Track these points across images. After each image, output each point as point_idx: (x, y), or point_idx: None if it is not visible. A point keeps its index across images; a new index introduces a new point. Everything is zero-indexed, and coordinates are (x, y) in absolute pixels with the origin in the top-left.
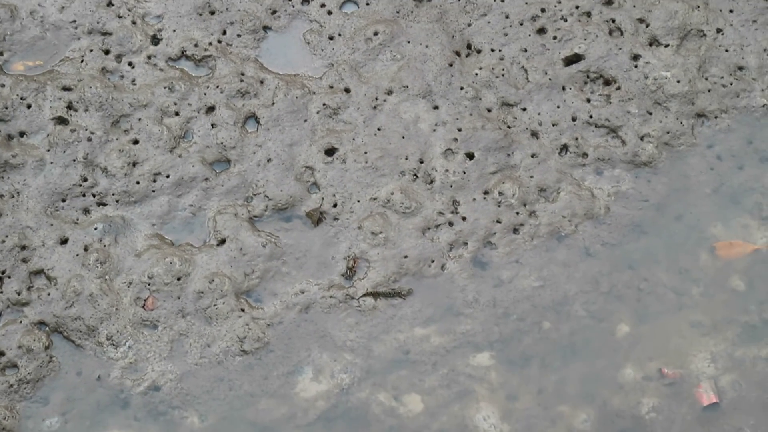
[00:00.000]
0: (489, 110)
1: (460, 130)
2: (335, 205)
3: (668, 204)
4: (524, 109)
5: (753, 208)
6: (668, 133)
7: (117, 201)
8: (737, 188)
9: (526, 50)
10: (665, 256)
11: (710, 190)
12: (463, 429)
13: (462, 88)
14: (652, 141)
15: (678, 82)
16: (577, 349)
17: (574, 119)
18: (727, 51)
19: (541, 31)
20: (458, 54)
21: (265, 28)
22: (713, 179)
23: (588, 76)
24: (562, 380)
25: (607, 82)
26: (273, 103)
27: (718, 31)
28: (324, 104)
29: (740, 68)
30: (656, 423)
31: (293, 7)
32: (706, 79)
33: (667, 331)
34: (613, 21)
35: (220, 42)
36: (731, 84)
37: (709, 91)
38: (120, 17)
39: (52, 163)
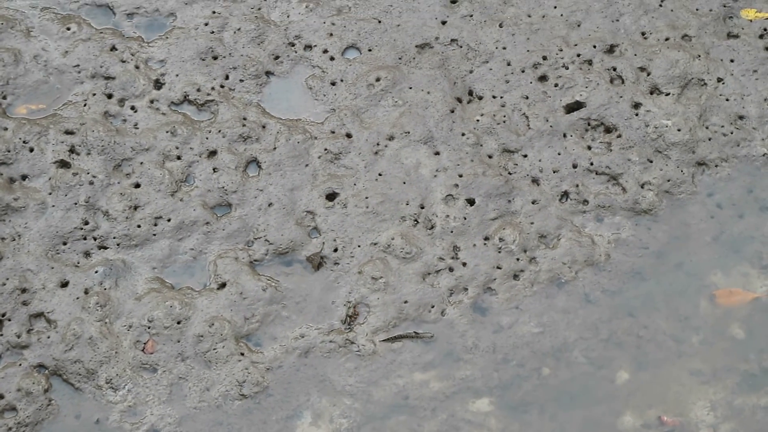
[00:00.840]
0: (490, 156)
1: (461, 176)
2: (336, 250)
3: (668, 252)
4: (525, 156)
5: (753, 256)
6: (669, 181)
7: (118, 244)
8: (737, 237)
9: (527, 97)
10: (665, 304)
11: (710, 239)
12: None
13: (463, 135)
14: (653, 189)
15: (679, 130)
16: (576, 395)
17: (574, 166)
18: (727, 100)
19: (543, 78)
20: (459, 100)
21: (268, 73)
22: (713, 227)
23: (589, 124)
24: (562, 427)
25: (608, 130)
26: (275, 148)
27: (719, 80)
28: (325, 149)
29: (741, 117)
30: None
31: (296, 52)
32: (707, 127)
33: (666, 379)
34: (615, 69)
35: (222, 87)
36: (732, 133)
37: (709, 139)
38: (123, 62)
39: (53, 206)
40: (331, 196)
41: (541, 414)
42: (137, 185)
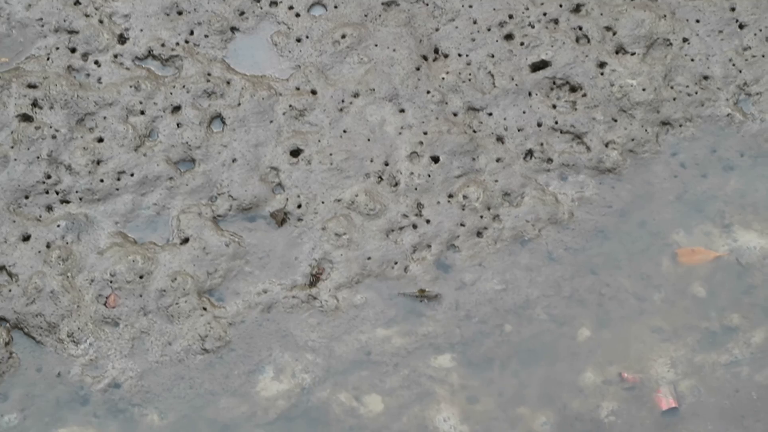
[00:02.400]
0: (455, 114)
1: (425, 133)
2: (299, 206)
3: (631, 210)
4: (490, 114)
5: (715, 215)
6: (633, 140)
7: (80, 199)
8: (700, 196)
9: (493, 56)
10: (627, 262)
11: (673, 198)
12: (423, 430)
13: (428, 92)
14: (617, 148)
15: (643, 90)
16: (538, 352)
17: (539, 125)
18: (692, 60)
19: (509, 37)
20: (425, 58)
21: (233, 29)
22: (677, 187)
23: (554, 83)
24: (523, 383)
25: (573, 89)
26: (239, 104)
27: (684, 40)
28: (290, 106)
29: (705, 77)
30: (615, 427)
31: (261, 8)
32: (672, 87)
33: (627, 336)
34: (581, 28)
35: (187, 42)
36: (696, 93)
37: (674, 99)
38: (87, 16)
39: (15, 159)
40: (296, 153)
41: (502, 370)
42: (100, 140)
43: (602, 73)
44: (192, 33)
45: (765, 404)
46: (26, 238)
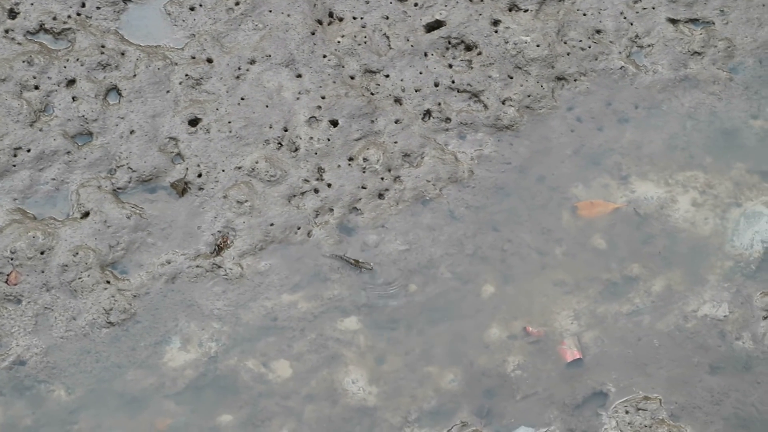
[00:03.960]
0: (352, 78)
1: (323, 98)
2: (200, 175)
3: (530, 166)
4: (387, 76)
5: (612, 168)
6: (529, 96)
7: None
8: (597, 149)
9: (387, 17)
10: (528, 217)
11: (571, 152)
12: (332, 393)
13: (325, 57)
14: (514, 105)
15: (537, 46)
16: (443, 310)
17: (436, 85)
18: (585, 15)
19: None
20: (320, 22)
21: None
22: (574, 141)
23: (449, 42)
24: (429, 342)
25: (469, 48)
26: (135, 75)
27: None
28: (186, 75)
29: (598, 31)
30: (521, 380)
31: None
32: (565, 42)
33: (531, 291)
34: None
35: (79, 15)
36: (589, 47)
37: (568, 54)
38: None
39: None
40: (194, 122)
41: (408, 330)
42: None
43: (496, 31)
44: (83, 5)
45: (667, 351)
46: None
